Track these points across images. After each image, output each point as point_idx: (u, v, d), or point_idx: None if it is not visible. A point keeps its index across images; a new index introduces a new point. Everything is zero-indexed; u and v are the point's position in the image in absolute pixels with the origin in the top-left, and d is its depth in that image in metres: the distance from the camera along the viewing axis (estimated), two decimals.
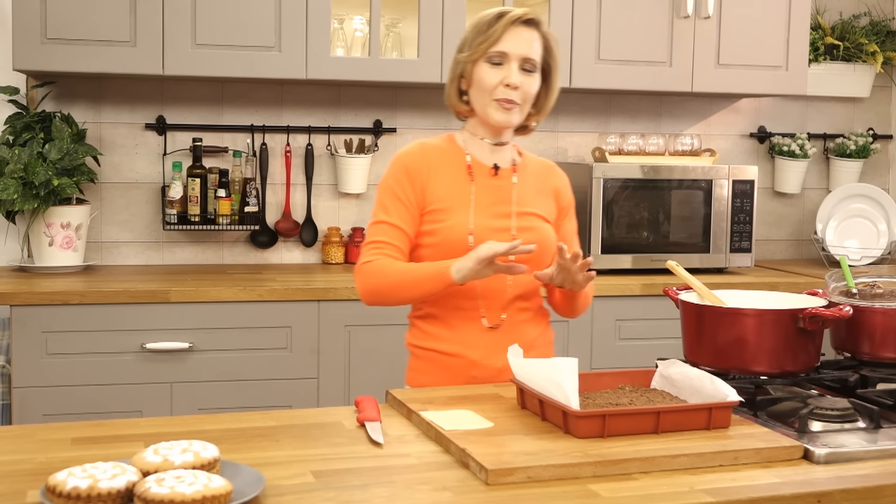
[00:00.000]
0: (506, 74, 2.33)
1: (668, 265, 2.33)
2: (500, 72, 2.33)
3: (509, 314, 2.39)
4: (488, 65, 2.34)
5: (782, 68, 4.23)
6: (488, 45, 2.33)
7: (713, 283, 2.56)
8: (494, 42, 2.32)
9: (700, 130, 4.58)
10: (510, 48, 2.33)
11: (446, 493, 1.55)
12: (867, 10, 4.76)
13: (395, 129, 4.23)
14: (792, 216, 4.78)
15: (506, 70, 2.33)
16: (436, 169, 2.39)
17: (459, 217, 2.35)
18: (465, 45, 2.38)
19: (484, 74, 2.34)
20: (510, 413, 1.96)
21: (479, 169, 2.41)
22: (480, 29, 2.35)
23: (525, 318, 2.42)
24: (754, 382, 2.06)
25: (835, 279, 2.33)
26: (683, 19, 4.07)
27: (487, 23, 2.34)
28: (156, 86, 4.01)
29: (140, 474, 1.47)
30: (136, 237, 4.03)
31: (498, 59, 2.33)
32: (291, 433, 1.86)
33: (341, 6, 3.99)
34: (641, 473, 1.66)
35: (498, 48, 2.33)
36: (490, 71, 2.34)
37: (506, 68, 2.33)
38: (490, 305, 2.37)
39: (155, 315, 3.43)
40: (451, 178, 2.39)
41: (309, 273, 3.90)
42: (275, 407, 3.45)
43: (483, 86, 2.35)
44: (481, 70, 2.35)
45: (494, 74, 2.33)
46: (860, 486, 1.62)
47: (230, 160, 4.05)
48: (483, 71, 2.34)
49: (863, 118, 4.83)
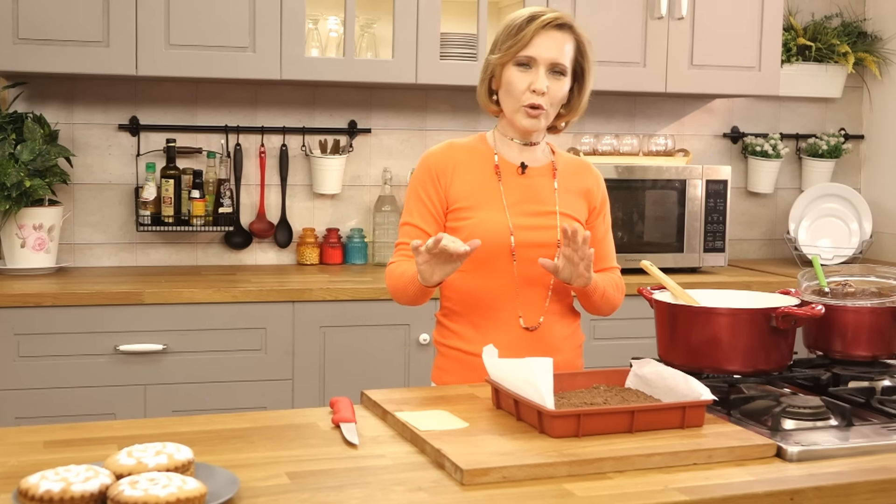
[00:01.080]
0: (533, 80, 2.31)
1: (642, 265, 2.34)
2: (528, 76, 2.32)
3: (546, 316, 2.40)
4: (517, 68, 2.33)
5: (755, 69, 4.25)
6: (517, 48, 2.31)
7: (687, 283, 2.57)
8: (524, 46, 2.31)
9: (674, 131, 4.60)
10: (539, 53, 2.31)
11: (421, 494, 1.55)
12: (839, 11, 4.79)
13: (369, 129, 4.23)
14: (765, 216, 4.80)
15: (533, 75, 2.32)
16: (462, 168, 2.39)
17: (484, 215, 2.35)
18: (496, 46, 2.37)
19: (512, 78, 2.33)
20: (485, 413, 1.96)
21: (507, 168, 2.41)
22: (511, 32, 2.33)
23: (557, 320, 2.42)
24: (728, 381, 2.07)
25: (807, 278, 2.35)
26: (657, 20, 4.09)
27: (518, 26, 2.32)
28: (129, 86, 3.99)
29: (113, 477, 1.46)
30: (109, 238, 4.01)
31: (526, 63, 2.32)
32: (266, 434, 1.86)
33: (316, 6, 3.98)
34: (616, 472, 1.66)
35: (526, 52, 2.31)
36: (518, 75, 2.33)
37: (534, 73, 2.32)
38: (528, 307, 2.38)
39: (128, 317, 3.41)
40: (477, 176, 2.39)
41: (284, 274, 3.89)
42: (249, 408, 3.44)
43: (511, 90, 2.34)
44: (510, 73, 2.34)
45: (522, 79, 2.32)
46: (832, 484, 1.63)
47: (204, 161, 4.04)
48: (511, 74, 2.33)
49: (835, 118, 4.87)
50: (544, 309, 2.39)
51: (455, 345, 2.40)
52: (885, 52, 4.70)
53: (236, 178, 4.06)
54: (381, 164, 4.25)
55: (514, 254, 2.34)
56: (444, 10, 3.92)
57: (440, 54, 3.88)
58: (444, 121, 4.30)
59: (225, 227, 4.01)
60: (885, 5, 4.74)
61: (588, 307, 2.47)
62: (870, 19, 4.80)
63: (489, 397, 2.05)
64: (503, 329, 2.36)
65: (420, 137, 4.28)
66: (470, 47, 3.94)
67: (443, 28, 3.91)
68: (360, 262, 4.19)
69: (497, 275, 2.35)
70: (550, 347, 2.37)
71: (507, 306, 2.37)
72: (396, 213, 4.13)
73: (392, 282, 2.39)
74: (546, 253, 2.33)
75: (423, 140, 4.28)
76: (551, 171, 2.44)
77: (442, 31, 3.89)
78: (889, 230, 4.70)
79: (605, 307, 2.47)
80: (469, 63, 3.90)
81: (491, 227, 2.34)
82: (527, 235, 2.34)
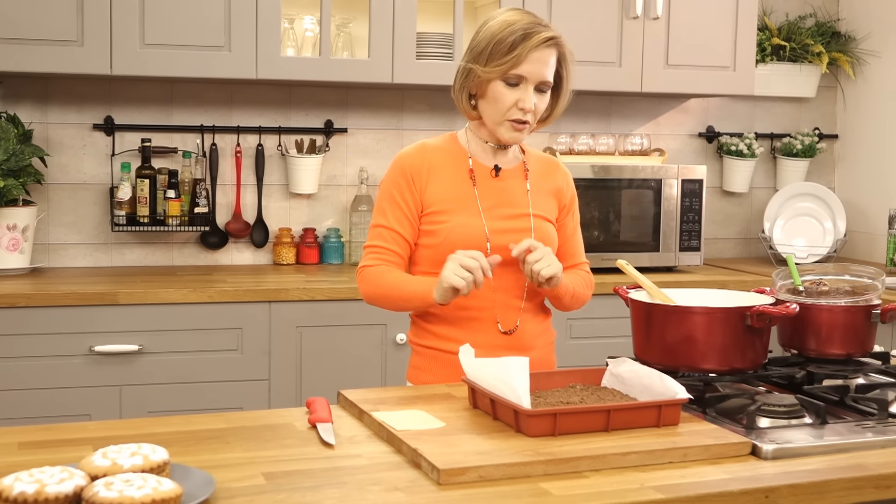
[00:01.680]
0: (521, 97, 2.29)
1: (618, 264, 2.34)
2: (515, 93, 2.30)
3: (521, 317, 2.41)
4: (504, 84, 2.30)
5: (730, 69, 4.27)
6: (509, 67, 2.27)
7: (663, 282, 2.58)
8: (516, 65, 2.27)
9: (649, 130, 4.61)
10: (530, 72, 2.28)
11: (398, 494, 1.55)
12: (813, 11, 4.82)
13: (346, 129, 4.22)
14: (740, 215, 4.83)
15: (522, 92, 2.30)
16: (436, 170, 2.38)
17: (460, 219, 2.34)
18: (482, 57, 2.30)
19: (499, 94, 2.31)
20: (462, 413, 1.97)
21: (481, 171, 2.41)
22: (502, 48, 2.27)
23: (530, 318, 2.43)
24: (703, 380, 2.08)
25: (782, 277, 2.36)
26: (633, 20, 4.10)
27: (510, 43, 2.26)
28: (104, 86, 3.97)
29: (88, 478, 1.46)
30: (84, 239, 3.99)
31: (515, 81, 2.30)
32: (242, 435, 1.85)
33: (291, 6, 3.98)
34: (592, 471, 1.67)
35: (518, 72, 2.28)
36: (505, 91, 2.30)
37: (521, 90, 2.30)
38: (504, 311, 2.39)
39: (103, 317, 3.39)
40: (451, 179, 2.38)
41: (260, 274, 3.88)
42: (226, 409, 3.43)
43: (497, 105, 2.32)
44: (496, 88, 2.31)
45: (510, 95, 2.30)
46: (807, 482, 1.64)
47: (180, 161, 4.02)
48: (498, 90, 2.31)
49: (809, 118, 4.90)
50: (520, 311, 2.40)
51: (431, 344, 2.40)
52: (859, 51, 4.73)
53: (212, 178, 4.04)
54: (357, 164, 4.25)
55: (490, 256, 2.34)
56: (420, 10, 3.92)
57: (416, 54, 3.88)
58: (420, 120, 4.30)
59: (201, 227, 3.99)
60: (858, 5, 4.77)
61: (558, 306, 2.49)
62: (843, 19, 4.83)
63: (466, 397, 2.05)
64: (480, 329, 2.36)
65: (396, 137, 4.28)
66: (446, 47, 3.94)
67: (419, 28, 3.91)
68: (337, 261, 4.18)
69: None
70: (525, 346, 2.38)
71: (484, 309, 2.37)
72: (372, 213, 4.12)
73: (374, 288, 2.37)
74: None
75: (399, 140, 4.28)
76: (523, 173, 2.45)
77: (418, 31, 3.89)
78: (863, 229, 4.73)
79: (574, 305, 2.49)
80: (445, 63, 3.90)
81: (467, 231, 2.34)
82: (502, 239, 2.35)
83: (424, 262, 2.39)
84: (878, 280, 2.30)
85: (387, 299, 2.38)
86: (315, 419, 1.90)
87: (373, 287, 2.38)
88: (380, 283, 2.36)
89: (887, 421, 1.94)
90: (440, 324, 2.39)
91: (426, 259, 2.38)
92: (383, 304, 2.40)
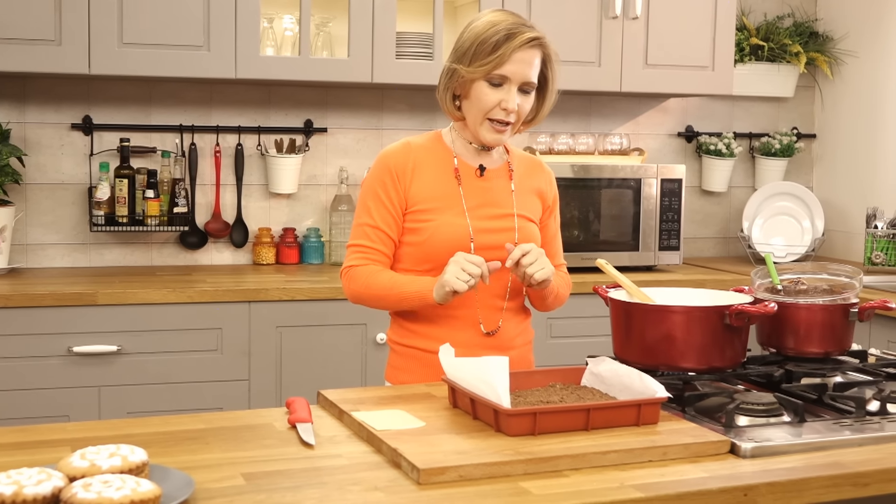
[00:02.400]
0: (505, 98, 2.29)
1: (598, 263, 2.35)
2: (498, 93, 2.30)
3: (504, 321, 2.41)
4: (487, 85, 2.30)
5: (709, 69, 4.29)
6: (492, 67, 2.27)
7: (642, 281, 2.59)
8: (499, 66, 2.27)
9: (629, 130, 4.63)
10: (513, 72, 2.28)
11: (378, 494, 1.55)
12: (791, 11, 4.84)
13: (325, 128, 4.22)
14: (719, 214, 4.85)
15: (505, 92, 2.29)
16: (421, 169, 2.38)
17: (445, 218, 2.34)
18: (466, 57, 2.30)
19: (482, 94, 2.30)
20: (442, 412, 1.97)
21: (466, 170, 2.41)
22: (485, 48, 2.27)
23: (511, 317, 2.43)
24: (682, 378, 2.09)
25: (760, 276, 2.37)
26: (612, 20, 4.11)
27: (494, 43, 2.26)
28: (82, 85, 3.95)
29: (66, 480, 1.45)
30: (62, 239, 3.97)
31: (499, 82, 2.30)
32: (221, 436, 1.85)
33: (271, 5, 3.97)
34: (572, 470, 1.67)
35: (501, 72, 2.28)
36: (489, 91, 2.30)
37: (505, 90, 2.30)
38: (487, 311, 2.39)
39: (82, 318, 3.38)
40: (436, 178, 2.38)
41: (239, 274, 3.87)
42: (205, 410, 3.42)
43: (480, 105, 2.31)
44: (480, 88, 2.30)
45: (493, 95, 2.30)
46: (785, 480, 1.65)
47: (158, 160, 4.01)
48: (481, 90, 2.30)
49: (787, 118, 4.92)
50: (502, 311, 2.40)
51: (412, 343, 2.40)
52: (837, 51, 4.76)
53: (191, 178, 4.03)
54: (337, 164, 4.24)
55: None
56: (399, 10, 3.92)
57: (396, 53, 3.88)
58: (400, 120, 4.30)
59: (180, 227, 3.98)
60: (836, 6, 4.80)
61: (540, 306, 2.50)
62: (821, 19, 4.85)
63: (446, 396, 2.05)
64: (462, 330, 2.37)
65: (376, 137, 4.27)
66: (426, 47, 3.94)
67: (399, 27, 3.91)
68: (317, 261, 4.17)
69: None
70: (506, 346, 2.38)
71: (467, 308, 2.37)
72: (353, 213, 4.11)
73: (365, 289, 2.36)
74: (504, 256, 2.34)
75: (379, 139, 4.27)
76: (508, 172, 2.45)
77: (398, 31, 3.89)
78: (841, 228, 4.76)
79: (555, 305, 2.51)
80: (425, 62, 3.90)
81: (451, 230, 2.34)
82: (486, 239, 2.35)
83: (407, 259, 2.38)
84: (855, 279, 2.32)
85: (379, 299, 2.36)
86: (295, 419, 1.90)
87: (363, 287, 2.36)
88: (371, 284, 2.35)
89: (865, 419, 1.95)
90: (422, 323, 2.39)
91: (409, 257, 2.38)
92: (374, 303, 2.39)
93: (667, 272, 4.17)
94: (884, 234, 4.33)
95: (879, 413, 1.99)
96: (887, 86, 4.55)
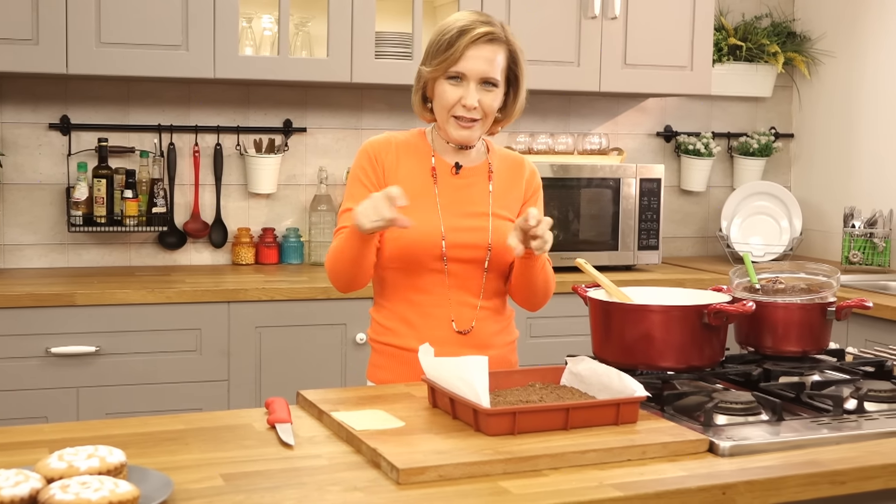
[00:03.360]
0: (464, 94, 2.31)
1: (577, 263, 2.35)
2: (458, 90, 2.32)
3: (479, 315, 2.40)
4: (448, 82, 2.32)
5: (687, 68, 4.30)
6: (448, 64, 2.30)
7: (621, 281, 2.59)
8: (454, 62, 2.30)
9: (608, 130, 4.64)
10: (469, 68, 2.30)
11: (357, 494, 1.55)
12: (769, 11, 4.86)
13: (305, 128, 4.21)
14: (697, 214, 4.86)
15: (464, 89, 2.31)
16: (400, 163, 2.39)
17: (417, 216, 2.32)
18: (427, 57, 2.35)
19: (444, 92, 2.33)
20: (421, 412, 1.97)
21: (443, 168, 2.41)
22: (441, 45, 2.31)
23: (488, 315, 2.42)
24: (661, 377, 2.10)
25: (738, 275, 2.38)
26: (591, 20, 4.12)
27: (448, 40, 2.30)
28: (60, 85, 3.93)
29: (44, 481, 1.44)
30: (40, 239, 3.94)
31: (457, 77, 2.31)
32: (200, 436, 1.84)
33: (249, 5, 3.96)
34: (551, 469, 1.67)
35: (456, 68, 2.30)
36: (450, 88, 2.32)
37: (464, 87, 2.31)
38: (460, 310, 2.38)
39: (60, 319, 3.36)
40: (413, 174, 2.39)
41: (219, 274, 3.86)
42: (184, 410, 3.41)
43: (442, 102, 2.34)
44: (441, 86, 2.33)
45: (454, 92, 2.32)
46: (763, 478, 1.66)
47: (137, 160, 3.99)
48: (443, 88, 2.33)
49: (765, 117, 4.94)
50: (477, 310, 2.40)
51: (390, 341, 2.40)
52: (814, 52, 4.78)
53: (170, 178, 4.02)
54: (316, 164, 4.24)
55: (446, 256, 2.35)
56: (379, 9, 3.92)
57: (375, 53, 3.87)
58: (379, 120, 4.30)
59: (159, 228, 3.97)
60: (813, 6, 4.82)
61: (521, 290, 2.43)
62: (799, 20, 4.88)
63: (425, 396, 2.05)
64: (437, 328, 2.36)
65: (356, 136, 4.27)
66: (405, 46, 3.94)
67: (378, 27, 3.91)
68: (296, 261, 4.17)
69: (428, 274, 2.36)
70: (483, 346, 2.37)
71: (440, 307, 2.37)
72: (332, 213, 4.12)
73: (331, 257, 2.34)
74: (477, 254, 2.34)
75: (358, 139, 4.27)
76: (487, 172, 2.45)
77: (377, 30, 3.89)
78: (818, 227, 4.78)
79: (542, 289, 2.43)
80: (404, 62, 3.90)
81: (424, 228, 2.34)
82: (458, 237, 2.35)
83: (379, 256, 2.38)
84: (833, 278, 2.33)
85: (337, 261, 2.32)
86: (274, 420, 1.89)
87: (328, 260, 2.35)
88: (331, 251, 2.34)
89: (842, 417, 1.96)
90: (398, 321, 2.39)
91: (380, 254, 2.37)
92: (340, 271, 2.33)
93: (646, 271, 4.18)
94: (861, 233, 4.36)
95: (856, 411, 2.00)
96: (864, 86, 4.58)
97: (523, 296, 2.46)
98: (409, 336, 2.36)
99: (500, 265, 2.40)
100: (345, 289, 2.38)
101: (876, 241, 4.33)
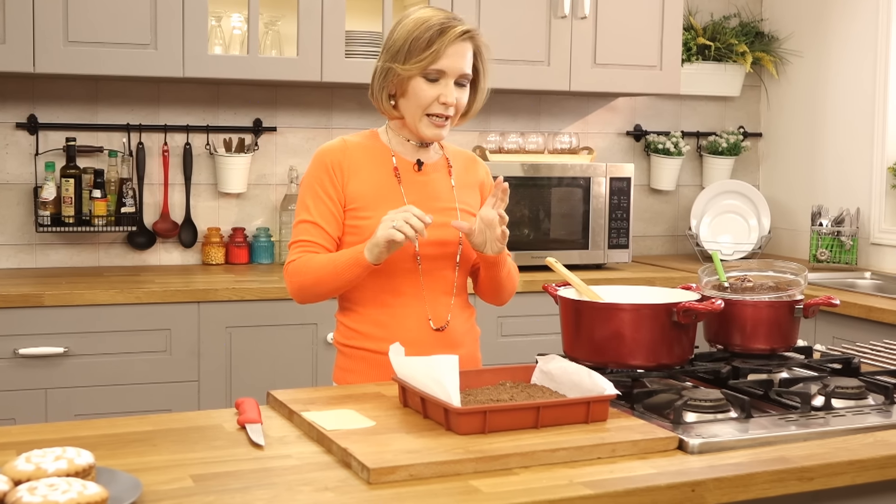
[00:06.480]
0: (443, 92, 2.30)
1: (548, 262, 2.36)
2: (436, 88, 2.31)
3: (452, 317, 2.40)
4: (424, 80, 2.31)
5: (656, 68, 4.32)
6: (428, 62, 2.28)
7: (592, 279, 2.60)
8: (435, 61, 2.28)
9: (578, 129, 4.65)
10: (449, 66, 2.29)
11: (328, 494, 1.55)
12: (737, 11, 4.89)
13: (275, 127, 4.20)
14: (667, 212, 4.89)
15: (442, 87, 2.30)
16: (358, 166, 2.37)
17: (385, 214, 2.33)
18: (400, 55, 2.32)
19: (420, 90, 2.31)
20: (392, 412, 1.97)
21: (405, 166, 2.40)
22: (419, 44, 2.29)
23: (458, 313, 2.42)
24: (631, 376, 2.10)
25: (707, 273, 2.39)
26: (561, 19, 4.13)
27: (428, 39, 2.28)
28: (27, 84, 3.90)
29: (11, 483, 1.43)
30: (7, 240, 3.91)
31: (435, 76, 2.31)
32: (170, 437, 1.83)
33: (218, 3, 3.94)
34: (522, 468, 1.68)
35: (437, 66, 2.29)
36: (426, 87, 2.31)
37: (442, 85, 2.31)
38: (435, 306, 2.38)
39: (28, 320, 3.34)
40: (374, 175, 2.37)
41: (188, 274, 3.84)
42: (154, 411, 3.39)
43: (418, 101, 2.32)
44: (417, 85, 2.31)
45: (431, 90, 2.31)
46: (732, 475, 1.67)
47: (105, 160, 3.97)
48: (419, 86, 2.31)
49: (734, 117, 4.97)
50: (450, 307, 2.40)
51: (359, 344, 2.39)
52: (782, 51, 4.82)
53: (139, 178, 3.99)
54: (286, 163, 4.23)
55: (419, 254, 2.35)
56: (348, 8, 3.91)
57: (345, 52, 3.87)
58: (349, 119, 4.29)
59: (128, 227, 3.94)
60: (781, 6, 4.86)
61: (490, 288, 2.46)
62: (766, 19, 4.91)
63: (396, 396, 2.05)
64: (410, 328, 2.36)
65: (326, 135, 4.26)
66: (375, 45, 3.93)
67: (348, 26, 3.90)
68: (267, 261, 4.15)
69: (402, 274, 2.35)
70: (455, 343, 2.38)
71: (414, 305, 2.37)
72: None
73: (302, 277, 2.32)
74: (448, 250, 2.35)
75: (328, 138, 4.24)
76: (446, 167, 2.46)
77: (347, 29, 3.88)
78: (786, 226, 4.82)
79: (508, 286, 2.47)
80: (374, 61, 3.88)
81: None
82: (430, 234, 2.35)
83: None
84: (801, 276, 2.35)
85: (318, 281, 2.31)
86: (244, 420, 1.89)
87: (301, 276, 2.32)
88: (308, 270, 2.31)
89: (810, 414, 1.97)
90: (367, 324, 2.38)
91: None
92: (316, 289, 2.33)
93: (616, 270, 4.20)
94: (828, 231, 4.39)
95: (824, 408, 2.01)
96: (830, 85, 4.61)
97: (494, 294, 2.49)
98: (381, 339, 2.34)
99: (468, 259, 2.42)
100: (309, 302, 2.39)
101: (843, 240, 4.37)
